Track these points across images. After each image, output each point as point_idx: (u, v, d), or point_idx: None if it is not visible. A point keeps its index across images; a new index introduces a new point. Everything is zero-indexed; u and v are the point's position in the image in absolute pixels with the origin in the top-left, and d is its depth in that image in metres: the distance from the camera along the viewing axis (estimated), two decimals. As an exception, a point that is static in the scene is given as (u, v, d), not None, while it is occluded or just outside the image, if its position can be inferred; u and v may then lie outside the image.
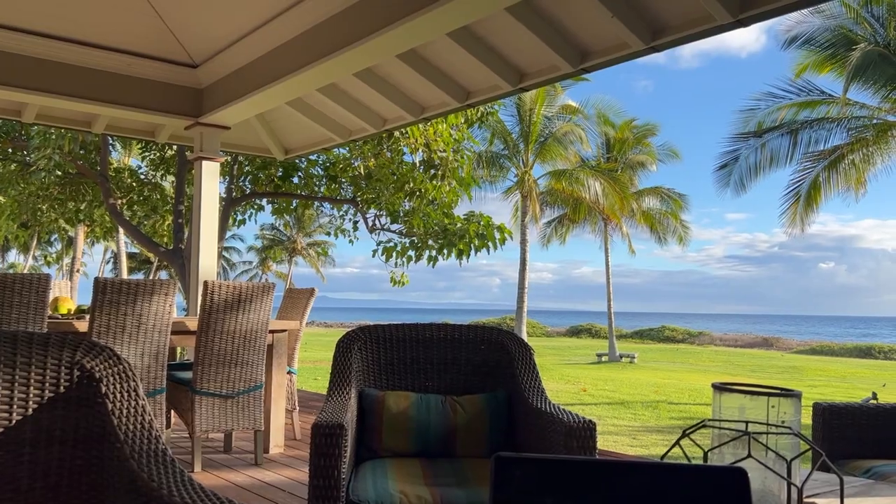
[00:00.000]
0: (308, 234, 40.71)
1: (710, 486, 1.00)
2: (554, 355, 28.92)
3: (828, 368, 25.52)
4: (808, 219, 16.39)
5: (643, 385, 17.74)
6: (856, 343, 39.01)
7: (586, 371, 22.01)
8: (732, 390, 1.51)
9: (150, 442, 1.44)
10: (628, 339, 43.11)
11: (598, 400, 14.58)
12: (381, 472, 2.28)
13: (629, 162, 25.95)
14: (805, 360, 29.89)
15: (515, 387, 2.68)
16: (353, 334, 2.75)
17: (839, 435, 2.64)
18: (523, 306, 24.60)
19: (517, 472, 1.02)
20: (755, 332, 51.40)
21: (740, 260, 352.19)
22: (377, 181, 9.38)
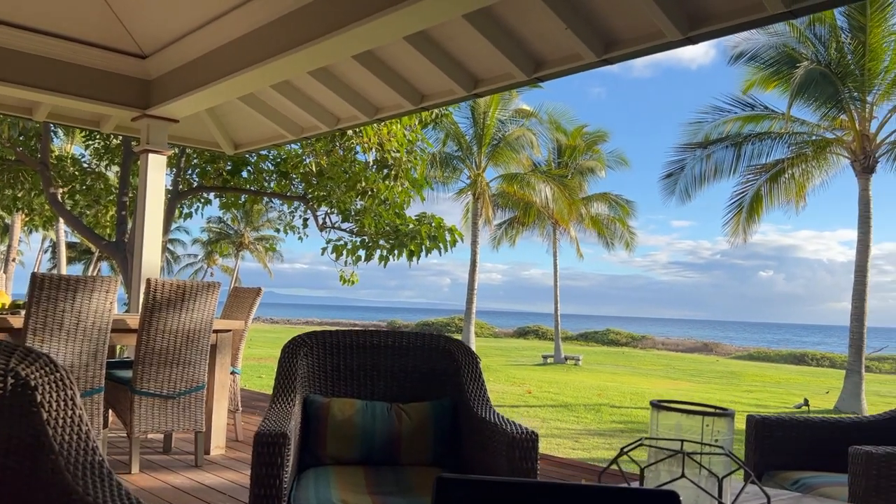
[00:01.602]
0: (256, 228, 40.09)
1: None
2: (501, 356, 29.15)
3: (764, 374, 26.35)
4: (750, 229, 16.91)
5: (587, 388, 18.03)
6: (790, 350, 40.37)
7: (532, 373, 22.24)
8: (669, 409, 1.56)
9: (86, 454, 1.41)
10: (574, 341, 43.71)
11: (542, 402, 14.76)
12: (323, 480, 2.27)
13: (579, 168, 26.32)
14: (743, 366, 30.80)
15: (461, 395, 2.70)
16: (300, 340, 2.73)
17: (770, 447, 2.74)
18: (472, 307, 24.73)
19: (459, 494, 1.03)
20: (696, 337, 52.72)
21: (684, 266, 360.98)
22: (329, 179, 9.30)
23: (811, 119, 16.06)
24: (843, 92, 14.95)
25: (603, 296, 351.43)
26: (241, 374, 5.17)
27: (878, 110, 15.43)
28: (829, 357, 35.08)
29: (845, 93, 14.99)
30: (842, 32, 14.88)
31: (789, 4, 3.36)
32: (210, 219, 40.36)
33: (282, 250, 43.61)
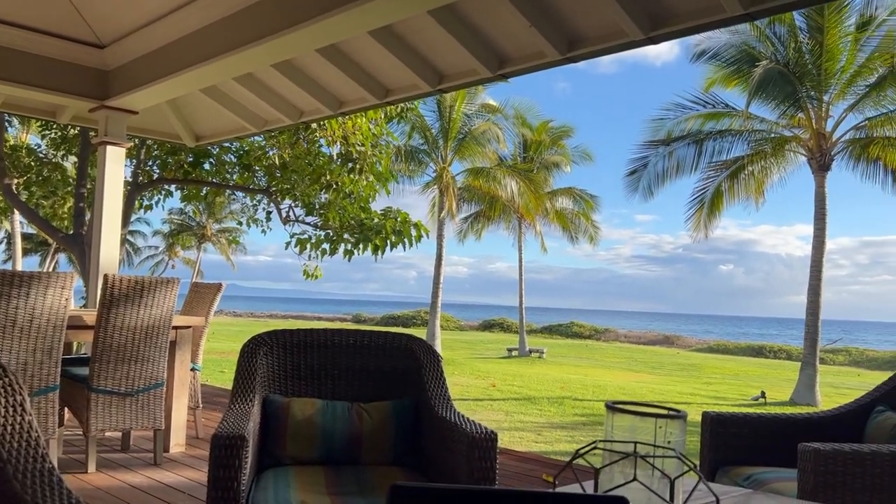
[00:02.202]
0: (218, 220, 39.53)
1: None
2: (466, 349, 29.25)
3: (723, 366, 26.88)
4: (711, 224, 17.21)
5: (550, 381, 18.20)
6: (749, 342, 41.23)
7: (497, 366, 22.37)
8: (624, 411, 1.58)
9: (35, 461, 1.38)
10: (538, 334, 44.05)
11: (506, 395, 14.86)
12: (283, 480, 2.26)
13: (545, 162, 26.49)
14: (703, 358, 31.38)
15: (422, 394, 2.70)
16: (259, 339, 2.70)
17: (725, 443, 2.80)
18: (438, 300, 24.76)
19: (413, 502, 1.03)
20: (658, 330, 53.53)
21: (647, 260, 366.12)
22: (292, 172, 9.22)
23: (770, 117, 16.39)
24: (800, 91, 15.29)
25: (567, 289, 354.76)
26: (203, 370, 5.11)
27: (834, 109, 15.82)
28: (786, 349, 35.93)
29: (803, 92, 15.32)
30: (800, 32, 15.20)
31: (747, 6, 3.42)
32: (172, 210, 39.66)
33: (245, 243, 43.03)
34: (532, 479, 4.30)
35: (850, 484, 2.23)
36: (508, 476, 4.31)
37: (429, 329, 24.85)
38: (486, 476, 2.14)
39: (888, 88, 14.78)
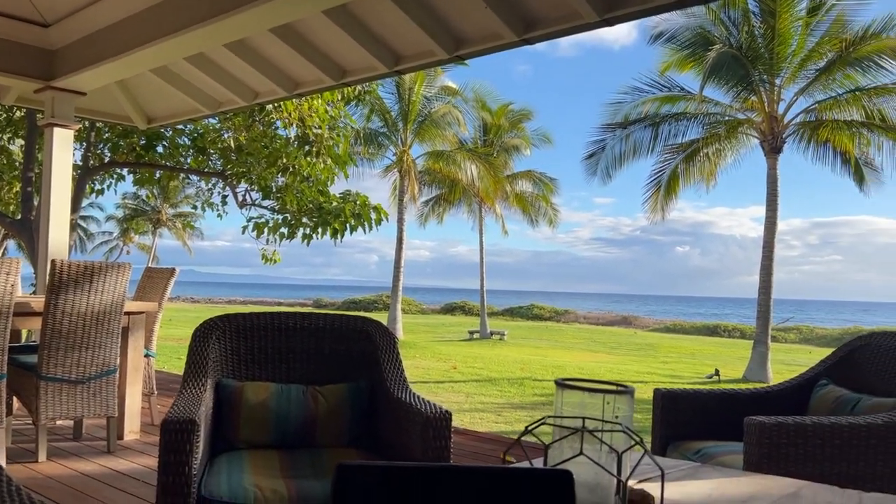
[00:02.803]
0: (174, 204, 38.76)
1: (540, 488, 1.06)
2: (428, 332, 29.32)
3: (679, 345, 27.44)
4: (668, 206, 17.48)
5: (511, 362, 18.36)
6: (704, 322, 42.16)
7: (458, 348, 22.48)
8: (573, 387, 1.61)
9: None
10: (499, 316, 44.37)
11: (467, 377, 14.96)
12: (236, 465, 2.24)
13: (504, 146, 26.55)
14: (660, 338, 31.98)
15: (378, 376, 2.70)
16: (212, 323, 2.67)
17: (675, 419, 2.86)
18: (399, 283, 24.72)
19: (359, 481, 1.04)
20: (616, 311, 54.36)
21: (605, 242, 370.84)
22: (248, 155, 9.07)
23: (724, 100, 16.67)
24: (753, 74, 15.56)
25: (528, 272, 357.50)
26: (159, 357, 5.03)
27: (786, 93, 16.16)
28: (739, 328, 36.82)
29: (755, 75, 15.60)
30: (753, 17, 15.44)
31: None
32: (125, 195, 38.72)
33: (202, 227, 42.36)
34: (491, 458, 4.34)
35: (794, 455, 2.30)
36: (467, 456, 4.35)
37: (390, 313, 24.83)
38: (441, 455, 2.15)
39: (837, 72, 15.14)
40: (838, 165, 15.91)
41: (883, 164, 15.62)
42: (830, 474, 2.32)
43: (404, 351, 19.04)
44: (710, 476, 2.01)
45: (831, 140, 15.38)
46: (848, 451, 2.31)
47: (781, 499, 1.79)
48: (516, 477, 1.07)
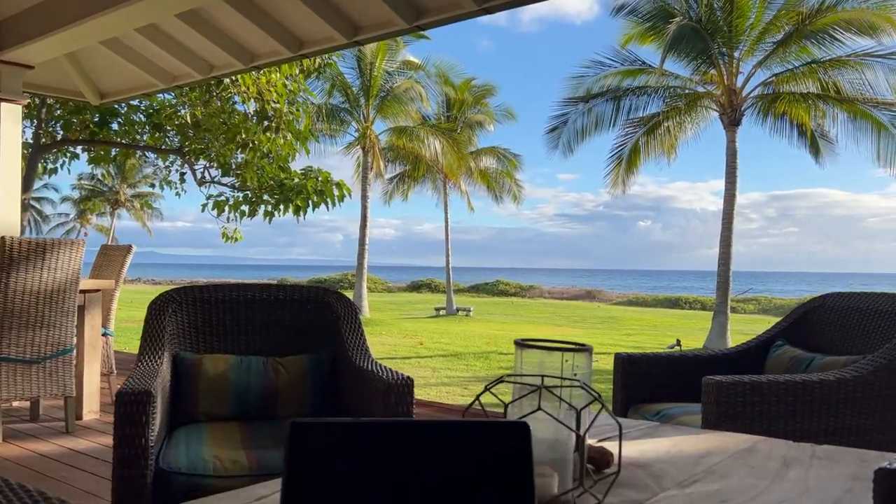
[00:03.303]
0: (132, 185, 37.93)
1: (496, 440, 1.06)
2: (394, 310, 29.32)
3: (642, 318, 27.89)
4: (629, 180, 17.63)
5: (477, 337, 18.48)
6: (666, 294, 42.88)
7: (424, 325, 22.54)
8: (532, 346, 1.61)
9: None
10: (465, 293, 44.54)
11: (433, 352, 15.01)
12: (195, 437, 2.21)
13: (468, 121, 26.46)
14: (622, 311, 32.46)
15: (340, 347, 2.68)
16: (168, 295, 2.61)
17: (635, 382, 2.90)
18: (364, 262, 24.62)
19: (313, 437, 1.02)
20: (580, 286, 54.98)
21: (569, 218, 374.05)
22: (206, 131, 8.89)
23: (684, 73, 16.81)
24: (712, 47, 15.70)
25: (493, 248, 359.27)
26: (119, 338, 4.94)
27: (744, 66, 16.35)
28: (700, 300, 37.53)
29: (714, 48, 15.74)
30: (712, -10, 15.56)
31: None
32: (81, 175, 37.75)
33: (161, 208, 41.48)
34: (456, 428, 4.36)
35: (751, 413, 2.35)
36: (432, 427, 4.36)
37: (355, 291, 24.74)
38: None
39: (793, 45, 15.35)
40: (795, 138, 16.20)
41: (838, 136, 15.96)
42: (786, 430, 2.38)
43: (370, 328, 19.03)
44: (668, 434, 2.04)
45: (788, 112, 15.64)
46: (802, 407, 2.37)
47: (737, 453, 1.83)
48: (472, 429, 1.06)
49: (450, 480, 1.02)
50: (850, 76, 15.02)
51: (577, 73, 17.62)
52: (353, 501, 1.00)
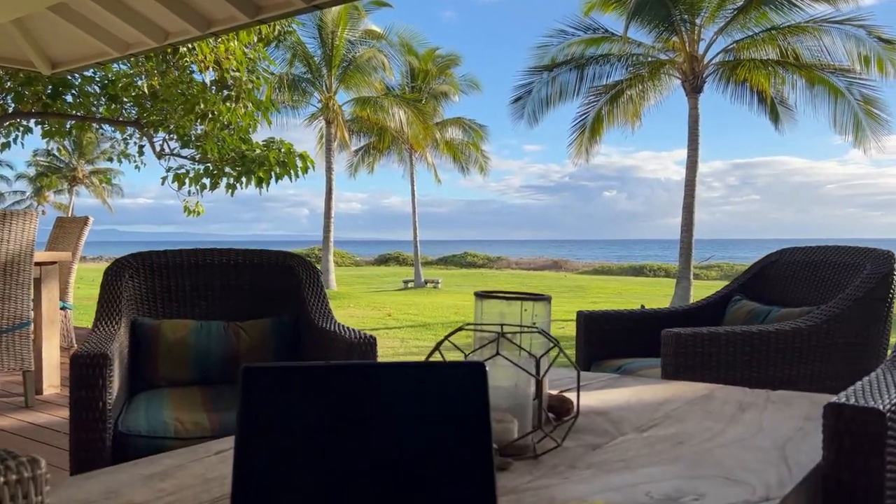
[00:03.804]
0: (90, 160, 37.00)
1: (452, 380, 1.06)
2: (362, 284, 29.24)
3: (607, 286, 28.23)
4: (592, 149, 17.71)
5: (445, 307, 18.54)
6: (631, 263, 43.44)
7: (393, 297, 22.53)
8: (491, 297, 1.61)
9: None
10: (433, 265, 44.58)
11: (402, 323, 15.04)
12: (156, 401, 2.18)
13: (433, 92, 26.26)
14: (588, 280, 32.81)
15: (302, 310, 2.66)
16: (124, 261, 2.56)
17: (598, 339, 2.94)
18: (330, 235, 24.46)
19: (266, 382, 1.01)
20: (547, 256, 55.39)
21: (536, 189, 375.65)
22: (164, 102, 8.68)
23: (646, 41, 16.85)
24: (674, 14, 15.74)
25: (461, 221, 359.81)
26: (79, 314, 4.84)
27: (706, 32, 16.43)
28: (664, 268, 38.08)
29: (676, 15, 15.78)
30: (675, -44, 15.55)
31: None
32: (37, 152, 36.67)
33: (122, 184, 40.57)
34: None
35: (709, 363, 2.39)
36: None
37: (322, 265, 24.60)
38: (366, 380, 2.14)
39: (753, 11, 15.46)
40: (755, 104, 16.40)
41: (796, 103, 16.18)
42: (743, 380, 2.43)
43: (338, 302, 18.98)
44: (628, 385, 2.07)
45: (748, 79, 15.79)
46: (759, 357, 2.42)
47: (695, 399, 1.86)
48: (427, 370, 1.06)
49: (406, 421, 1.02)
50: (808, 42, 15.20)
51: (542, 42, 17.56)
52: (308, 443, 0.99)
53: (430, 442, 1.02)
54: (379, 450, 1.00)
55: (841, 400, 1.33)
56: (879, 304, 2.61)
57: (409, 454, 1.01)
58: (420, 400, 1.03)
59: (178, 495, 1.14)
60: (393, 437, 1.01)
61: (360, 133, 25.47)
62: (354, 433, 1.00)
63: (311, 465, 0.98)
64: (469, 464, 1.02)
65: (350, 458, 0.99)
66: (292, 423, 1.00)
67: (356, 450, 0.99)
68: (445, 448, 1.02)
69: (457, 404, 1.04)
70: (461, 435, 1.04)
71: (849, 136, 15.36)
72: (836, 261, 2.89)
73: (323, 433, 0.99)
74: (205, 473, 1.27)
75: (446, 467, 1.01)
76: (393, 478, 0.99)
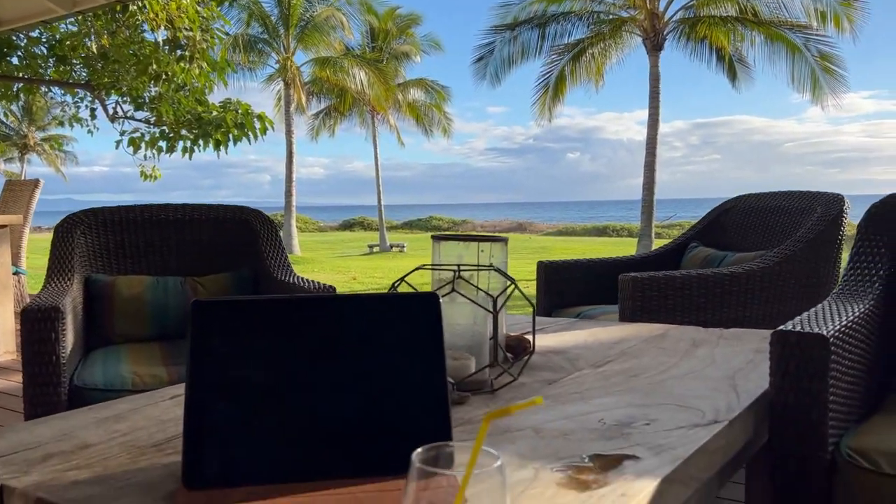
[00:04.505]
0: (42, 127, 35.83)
1: (407, 311, 1.06)
2: (327, 249, 29.04)
3: (571, 247, 28.49)
4: (555, 109, 17.69)
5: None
6: (594, 224, 43.89)
7: (358, 262, 22.45)
8: (449, 239, 1.61)
9: None
10: (399, 230, 44.46)
11: (367, 287, 15.02)
12: (113, 356, 2.15)
13: (394, 52, 25.88)
14: (553, 241, 33.07)
15: (261, 264, 2.64)
16: (75, 217, 2.50)
17: (558, 288, 2.97)
18: (292, 200, 24.18)
19: (217, 316, 1.00)
20: (512, 218, 55.65)
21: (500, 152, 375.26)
22: (115, 62, 8.40)
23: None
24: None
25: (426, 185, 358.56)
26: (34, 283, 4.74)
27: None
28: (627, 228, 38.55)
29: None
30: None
31: None
32: (-16, 119, 35.36)
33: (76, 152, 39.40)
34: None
35: (665, 306, 2.44)
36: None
37: (284, 230, 24.35)
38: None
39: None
40: (714, 62, 16.50)
41: (755, 60, 16.32)
42: (698, 322, 2.49)
43: (302, 267, 18.86)
44: (585, 327, 2.10)
45: (708, 36, 15.85)
46: (713, 299, 2.48)
47: (650, 338, 1.90)
48: (381, 301, 1.06)
49: (361, 352, 1.02)
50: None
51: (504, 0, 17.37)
52: (262, 377, 0.98)
53: (386, 372, 1.02)
54: (334, 381, 1.00)
55: (787, 327, 1.36)
56: (829, 246, 2.68)
57: (365, 384, 1.01)
58: (375, 331, 1.03)
59: (132, 436, 1.14)
60: (348, 369, 1.01)
61: (320, 95, 25.04)
62: (308, 365, 1.00)
63: (265, 398, 0.98)
64: (424, 392, 1.03)
65: (304, 390, 0.99)
66: (245, 357, 0.99)
67: (310, 382, 0.99)
68: (401, 378, 1.03)
69: (411, 335, 1.05)
70: (416, 365, 1.04)
71: (806, 92, 15.58)
72: (788, 206, 2.94)
73: (277, 366, 0.99)
74: (160, 416, 1.26)
75: (402, 396, 1.02)
76: (349, 408, 0.99)
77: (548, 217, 69.94)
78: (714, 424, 1.15)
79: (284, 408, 0.98)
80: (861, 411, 1.55)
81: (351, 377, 1.01)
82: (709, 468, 1.10)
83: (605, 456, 1.01)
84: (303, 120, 25.44)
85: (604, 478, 0.93)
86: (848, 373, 1.45)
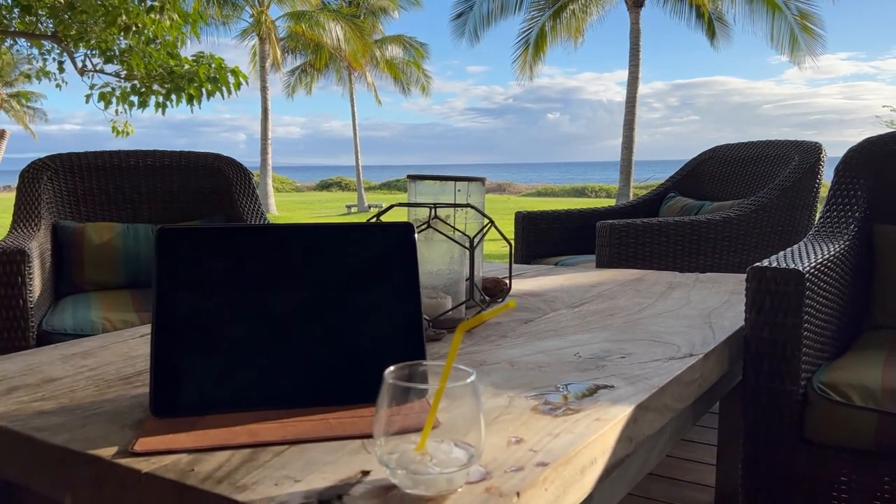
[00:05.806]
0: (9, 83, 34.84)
1: (382, 241, 1.04)
2: (304, 209, 28.80)
3: (550, 207, 28.38)
4: (536, 67, 17.51)
5: (389, 230, 18.49)
6: (573, 185, 43.99)
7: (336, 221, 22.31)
8: (425, 178, 1.58)
9: None
10: (377, 190, 44.16)
11: (345, 246, 14.96)
12: (83, 303, 2.11)
13: (371, 7, 25.38)
14: (532, 202, 33.09)
15: (234, 212, 2.59)
16: (41, 163, 2.43)
17: (536, 238, 2.96)
18: (268, 158, 23.86)
19: (183, 243, 0.97)
20: (491, 179, 55.51)
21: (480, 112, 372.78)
22: (82, 13, 8.15)
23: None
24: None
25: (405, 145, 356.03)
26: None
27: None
28: (605, 188, 38.66)
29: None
30: None
31: None
32: (-52, 75, 34.22)
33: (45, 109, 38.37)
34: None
35: (642, 254, 2.44)
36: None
37: (260, 189, 24.06)
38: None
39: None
40: (693, 20, 16.39)
41: (735, 17, 16.23)
42: (675, 269, 2.49)
43: (280, 226, 18.69)
44: (563, 273, 2.10)
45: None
46: (691, 247, 2.48)
47: (627, 282, 1.90)
48: (356, 231, 1.03)
49: (333, 280, 0.99)
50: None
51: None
52: (230, 302, 0.96)
53: (359, 301, 1.00)
54: (305, 310, 0.98)
55: (763, 264, 1.36)
56: (806, 194, 2.69)
57: (338, 313, 0.99)
58: (348, 260, 1.00)
59: (100, 370, 1.11)
60: (320, 297, 0.98)
61: (295, 52, 24.55)
62: (279, 294, 0.98)
63: (234, 326, 0.95)
64: (399, 322, 1.01)
65: (275, 319, 0.96)
66: (213, 285, 0.96)
67: (281, 310, 0.97)
68: (375, 307, 1.01)
69: (386, 264, 1.02)
70: (391, 294, 1.02)
71: (785, 52, 15.55)
72: (765, 154, 2.94)
73: (246, 294, 0.96)
74: (128, 352, 1.23)
75: (376, 325, 1.00)
76: (321, 337, 0.97)
77: (527, 178, 69.88)
78: (689, 357, 1.15)
79: (254, 336, 0.96)
80: (835, 349, 1.56)
81: (323, 306, 0.99)
82: (683, 399, 1.10)
83: (580, 385, 1.00)
84: (278, 77, 25.00)
85: (578, 404, 0.92)
86: (822, 310, 1.45)
